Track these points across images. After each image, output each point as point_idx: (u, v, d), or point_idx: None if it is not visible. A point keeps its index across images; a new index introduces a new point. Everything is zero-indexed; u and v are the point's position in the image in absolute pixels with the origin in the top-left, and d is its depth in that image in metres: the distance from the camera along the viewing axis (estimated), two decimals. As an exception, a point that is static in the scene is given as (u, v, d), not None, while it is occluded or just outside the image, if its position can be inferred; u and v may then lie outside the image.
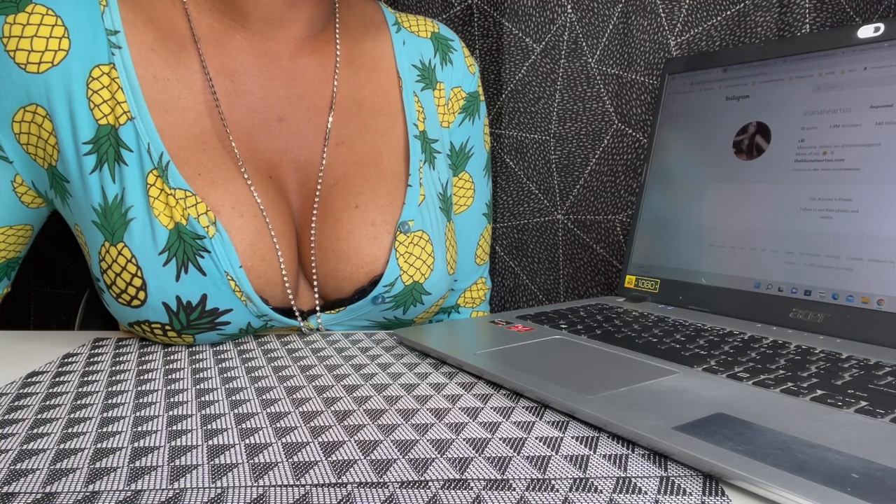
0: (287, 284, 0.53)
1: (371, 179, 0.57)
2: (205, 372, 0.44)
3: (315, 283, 0.55)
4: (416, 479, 0.29)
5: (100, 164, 0.48)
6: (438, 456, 0.31)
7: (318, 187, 0.56)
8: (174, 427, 0.34)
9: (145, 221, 0.47)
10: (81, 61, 0.48)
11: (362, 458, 0.31)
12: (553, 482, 0.28)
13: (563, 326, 0.52)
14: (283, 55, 0.56)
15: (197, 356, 0.48)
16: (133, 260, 0.47)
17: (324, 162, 0.56)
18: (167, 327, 0.49)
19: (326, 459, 0.30)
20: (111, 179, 0.48)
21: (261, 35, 0.55)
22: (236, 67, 0.54)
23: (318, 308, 0.55)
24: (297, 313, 0.54)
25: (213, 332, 0.50)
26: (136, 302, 0.48)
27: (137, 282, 0.47)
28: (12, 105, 0.48)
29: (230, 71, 0.54)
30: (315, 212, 0.55)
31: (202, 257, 0.48)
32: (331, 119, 0.57)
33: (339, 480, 0.28)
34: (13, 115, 0.49)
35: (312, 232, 0.55)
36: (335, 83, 0.58)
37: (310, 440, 0.33)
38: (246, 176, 0.52)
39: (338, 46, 0.59)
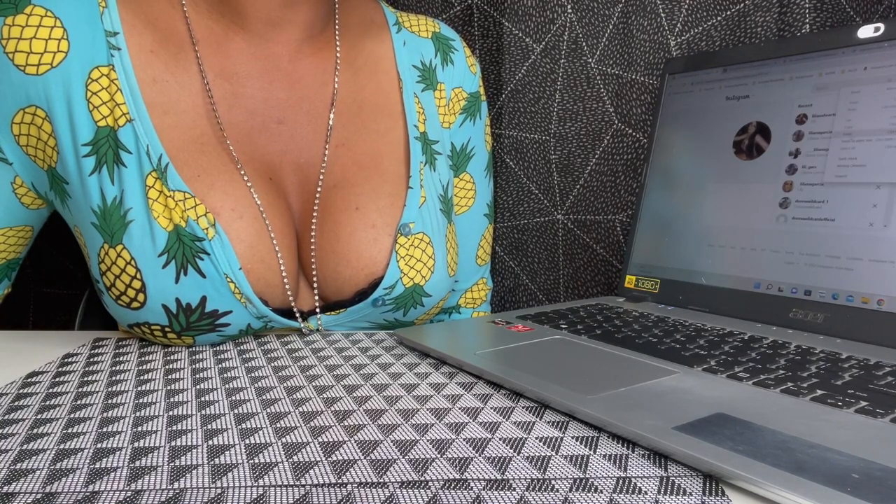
0: (287, 286, 0.53)
1: (371, 181, 0.57)
2: (205, 372, 0.44)
3: (315, 284, 0.55)
4: (416, 479, 0.29)
5: (99, 165, 0.48)
6: (438, 456, 0.31)
7: (319, 189, 0.55)
8: (174, 427, 0.34)
9: (144, 223, 0.47)
10: (80, 63, 0.48)
11: (362, 458, 0.31)
12: (553, 482, 0.28)
13: (563, 326, 0.52)
14: (283, 57, 0.56)
15: (197, 356, 0.48)
16: (132, 262, 0.47)
17: (324, 163, 0.56)
18: (167, 329, 0.49)
19: (326, 459, 0.30)
20: (110, 181, 0.48)
21: (260, 37, 0.55)
22: (236, 70, 0.54)
23: (317, 309, 0.55)
24: (297, 314, 0.54)
25: (212, 334, 0.50)
26: (135, 304, 0.48)
27: (137, 284, 0.47)
28: (12, 107, 0.48)
29: (229, 73, 0.54)
30: (315, 213, 0.55)
31: (201, 259, 0.48)
32: (331, 120, 0.57)
33: (339, 480, 0.28)
34: (12, 117, 0.49)
35: (312, 233, 0.55)
36: (335, 84, 0.58)
37: (310, 440, 0.33)
38: (245, 178, 0.52)
39: (338, 47, 0.59)
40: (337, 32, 0.60)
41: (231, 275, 0.49)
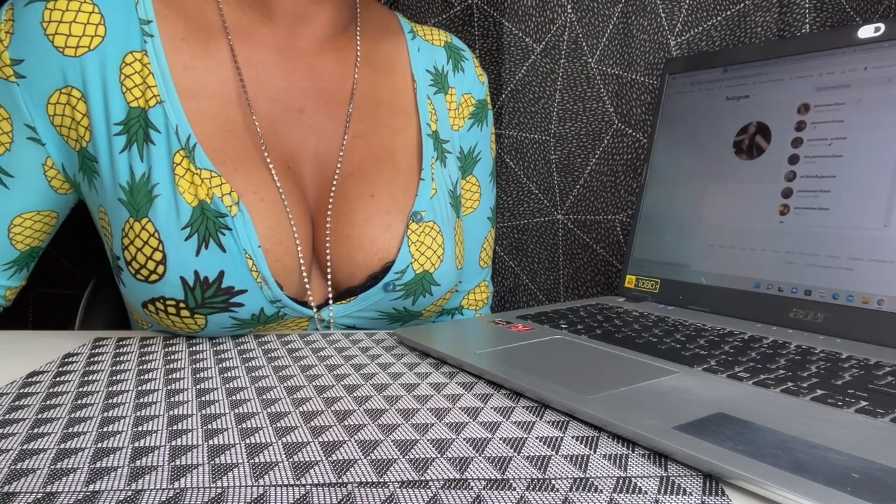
0: (303, 270, 0.54)
1: (386, 171, 0.59)
2: (205, 372, 0.44)
3: (329, 270, 0.56)
4: (416, 478, 0.29)
5: (129, 144, 0.50)
6: (438, 456, 0.31)
7: (336, 177, 0.57)
8: (174, 427, 0.34)
9: (170, 198, 0.49)
10: (116, 47, 0.50)
11: (362, 457, 0.31)
12: (553, 482, 0.28)
13: (563, 326, 0.52)
14: (306, 51, 0.59)
15: (197, 356, 0.48)
16: (156, 234, 0.49)
17: (342, 152, 0.58)
18: (181, 305, 0.49)
19: (326, 459, 0.30)
20: (139, 158, 0.50)
21: (286, 31, 0.57)
22: (260, 59, 0.56)
23: (330, 296, 0.56)
24: (310, 300, 0.55)
25: (225, 315, 0.51)
26: (154, 276, 0.49)
27: (158, 256, 0.49)
28: (49, 87, 0.50)
29: (254, 62, 0.56)
30: (331, 200, 0.56)
31: (223, 234, 0.49)
32: (350, 110, 0.59)
33: (339, 480, 0.28)
34: (49, 98, 0.51)
35: (328, 220, 0.56)
36: (354, 79, 0.60)
37: (310, 440, 0.33)
38: (270, 164, 0.53)
39: (358, 46, 0.62)
40: (358, 33, 0.62)
41: (250, 251, 0.50)
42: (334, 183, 0.57)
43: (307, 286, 0.55)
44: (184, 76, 0.52)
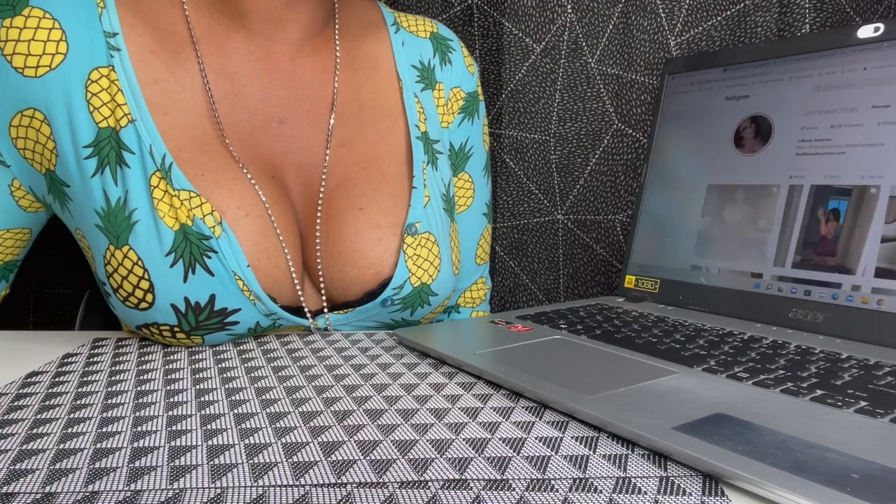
0: (295, 281, 0.53)
1: (374, 182, 0.57)
2: (205, 372, 0.44)
3: (322, 285, 0.55)
4: (415, 479, 0.29)
5: (101, 167, 0.48)
6: (438, 456, 0.31)
7: (322, 189, 0.55)
8: (174, 427, 0.34)
9: (150, 223, 0.47)
10: (80, 64, 0.48)
11: (362, 458, 0.31)
12: (553, 482, 0.28)
13: (562, 326, 0.52)
14: (283, 56, 0.56)
15: (197, 356, 0.48)
16: (140, 262, 0.47)
17: (326, 164, 0.56)
18: (176, 329, 0.49)
19: (326, 459, 0.30)
20: (113, 182, 0.48)
21: (261, 35, 0.55)
22: (236, 69, 0.54)
23: (325, 309, 0.55)
24: (306, 310, 0.54)
25: (222, 333, 0.50)
26: (143, 304, 0.48)
27: (145, 284, 0.47)
28: (9, 110, 0.48)
29: (230, 72, 0.54)
30: (319, 214, 0.55)
31: (209, 258, 0.48)
32: (332, 121, 0.57)
33: (339, 480, 0.28)
34: (10, 120, 0.48)
35: (317, 234, 0.55)
36: (335, 85, 0.58)
37: (309, 440, 0.33)
38: (249, 176, 0.52)
39: (337, 47, 0.59)
40: (336, 32, 0.60)
41: (239, 272, 0.49)
42: (321, 196, 0.55)
43: (300, 294, 0.54)
44: (155, 91, 0.50)
